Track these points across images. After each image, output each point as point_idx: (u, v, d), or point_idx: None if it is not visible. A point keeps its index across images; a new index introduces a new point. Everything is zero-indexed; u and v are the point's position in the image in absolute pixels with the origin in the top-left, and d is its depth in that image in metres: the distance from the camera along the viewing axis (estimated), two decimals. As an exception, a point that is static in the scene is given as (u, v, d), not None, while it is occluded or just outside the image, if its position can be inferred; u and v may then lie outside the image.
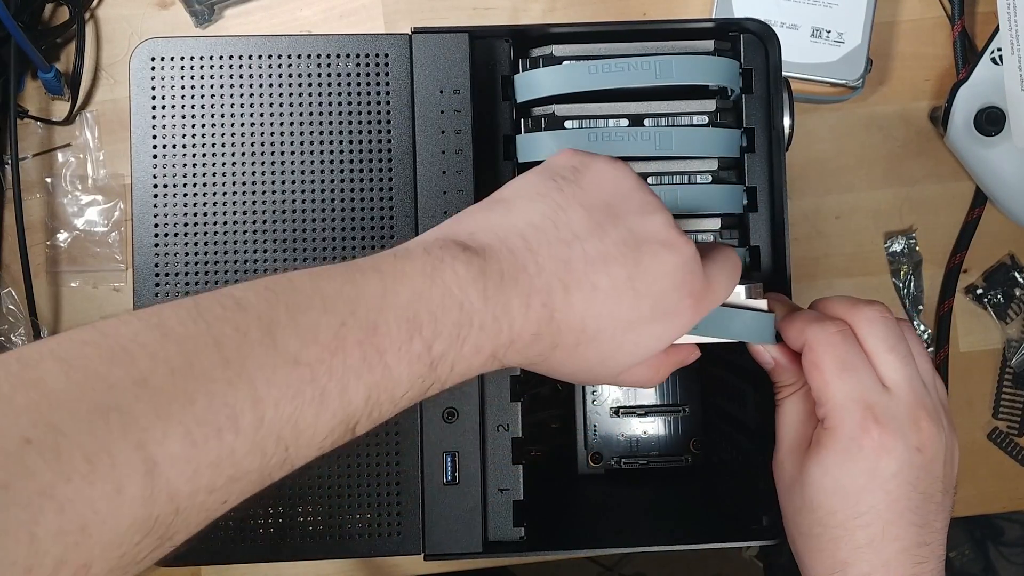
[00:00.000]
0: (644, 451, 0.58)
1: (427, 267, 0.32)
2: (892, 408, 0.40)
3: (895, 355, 0.41)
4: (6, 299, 0.61)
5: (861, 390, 0.40)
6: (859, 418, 0.40)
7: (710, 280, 0.38)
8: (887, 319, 0.41)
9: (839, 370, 0.40)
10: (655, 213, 0.37)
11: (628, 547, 0.49)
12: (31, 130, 0.61)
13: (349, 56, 0.48)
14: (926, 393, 0.41)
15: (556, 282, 0.34)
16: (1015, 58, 0.60)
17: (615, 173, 0.37)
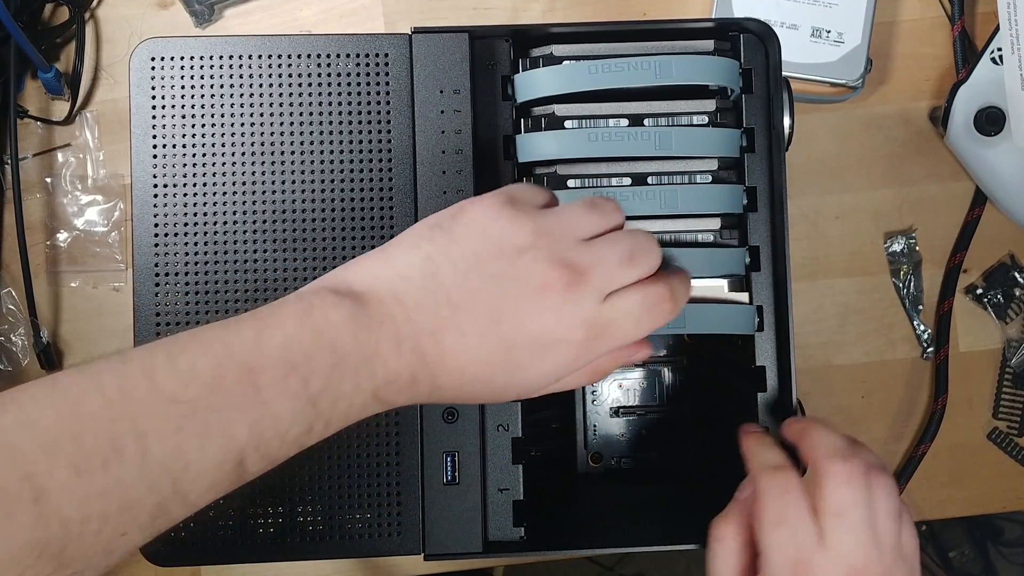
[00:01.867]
0: (644, 451, 0.58)
1: (300, 312, 0.35)
2: (824, 568, 0.39)
3: (843, 520, 0.40)
4: (6, 299, 0.61)
5: (791, 543, 0.40)
6: (790, 570, 0.39)
7: (609, 319, 0.38)
8: (851, 484, 0.40)
9: (776, 522, 0.40)
10: (525, 253, 0.38)
11: (628, 547, 0.49)
12: (31, 130, 0.61)
13: (349, 56, 0.48)
14: (874, 560, 0.40)
15: (424, 329, 0.37)
16: (1015, 58, 0.60)
17: (487, 217, 0.39)
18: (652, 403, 0.58)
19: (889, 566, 0.40)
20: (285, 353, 0.34)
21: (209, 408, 0.32)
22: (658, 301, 0.40)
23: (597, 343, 0.38)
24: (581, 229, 0.39)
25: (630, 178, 0.48)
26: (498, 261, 0.38)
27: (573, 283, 0.38)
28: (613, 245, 0.39)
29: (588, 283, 0.38)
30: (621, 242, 0.39)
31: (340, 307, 0.36)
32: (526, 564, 0.99)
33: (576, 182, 0.48)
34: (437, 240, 0.38)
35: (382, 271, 0.38)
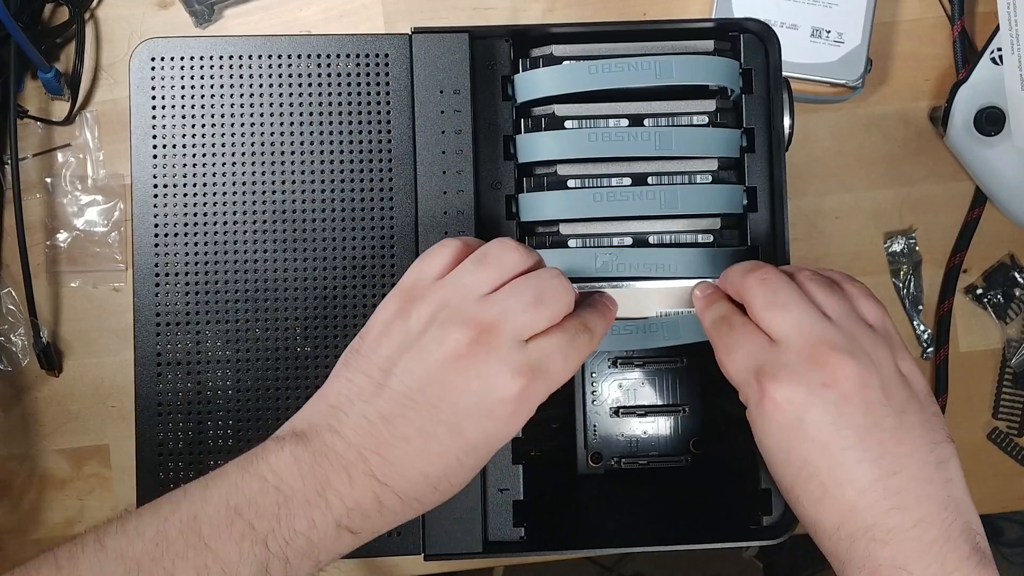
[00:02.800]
0: (644, 451, 0.58)
1: (243, 464, 0.37)
2: (781, 359, 0.39)
3: (772, 310, 0.40)
4: (6, 299, 0.61)
5: (747, 358, 0.40)
6: (754, 383, 0.40)
7: (539, 361, 0.38)
8: (765, 280, 0.41)
9: (728, 353, 0.41)
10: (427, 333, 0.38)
11: (628, 547, 0.49)
12: (31, 130, 0.61)
13: (349, 56, 0.48)
14: (825, 328, 0.39)
15: (367, 452, 0.37)
16: (1015, 58, 0.60)
17: (383, 319, 0.40)
18: (652, 403, 0.58)
19: (851, 332, 0.40)
20: (227, 499, 0.36)
21: (153, 559, 0.35)
22: (577, 332, 0.40)
23: (536, 387, 0.38)
24: (477, 287, 0.39)
25: (630, 178, 0.48)
26: (407, 356, 0.38)
27: (483, 340, 0.38)
28: (516, 292, 0.39)
29: (500, 335, 0.38)
30: (525, 287, 0.39)
31: (281, 450, 0.37)
32: (526, 564, 0.99)
33: (576, 182, 0.48)
34: (351, 361, 0.40)
35: (316, 407, 0.39)
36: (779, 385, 0.39)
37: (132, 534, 0.35)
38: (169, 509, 0.36)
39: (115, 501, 0.61)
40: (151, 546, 0.35)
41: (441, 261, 0.41)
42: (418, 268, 0.41)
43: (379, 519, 0.38)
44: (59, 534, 0.61)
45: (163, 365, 0.47)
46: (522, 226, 0.48)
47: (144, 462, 0.47)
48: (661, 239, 0.48)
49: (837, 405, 0.38)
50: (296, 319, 0.47)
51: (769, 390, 0.39)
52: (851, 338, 0.39)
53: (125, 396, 0.61)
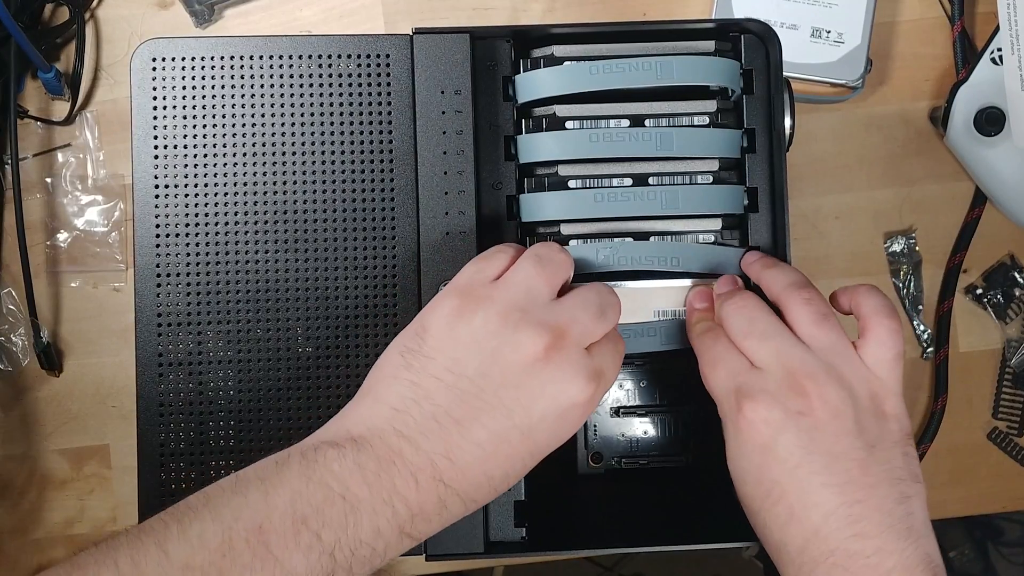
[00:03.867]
0: (644, 451, 0.58)
1: (304, 469, 0.36)
2: (761, 382, 0.40)
3: (753, 339, 0.42)
4: (6, 299, 0.61)
5: (729, 376, 0.42)
6: (733, 401, 0.41)
7: (601, 368, 0.40)
8: (742, 308, 0.43)
9: (710, 367, 0.43)
10: (500, 336, 0.38)
11: (628, 547, 0.49)
12: (31, 130, 0.61)
13: (350, 57, 0.48)
14: (804, 357, 0.41)
15: (437, 456, 0.37)
16: (1015, 58, 0.60)
17: (448, 324, 0.39)
18: (652, 403, 0.58)
19: (831, 364, 0.41)
20: (293, 508, 0.35)
21: (220, 571, 0.34)
22: (618, 340, 0.42)
23: (599, 392, 0.40)
24: (541, 291, 0.40)
25: (631, 178, 0.48)
26: (480, 358, 0.38)
27: (557, 345, 0.38)
28: (583, 302, 0.40)
29: (571, 340, 0.39)
30: (590, 297, 0.41)
31: (343, 457, 0.37)
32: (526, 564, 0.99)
33: (577, 182, 0.48)
34: (413, 364, 0.39)
35: (375, 411, 0.38)
36: (756, 406, 0.40)
37: (196, 542, 0.34)
38: (231, 515, 0.35)
39: (115, 501, 0.61)
40: (217, 556, 0.34)
41: (500, 265, 0.41)
42: (476, 268, 0.41)
43: (438, 522, 0.38)
44: (59, 534, 0.61)
45: (164, 365, 0.47)
46: (523, 226, 0.48)
47: (145, 462, 0.47)
48: (662, 239, 0.48)
49: (810, 432, 0.39)
50: (297, 319, 0.47)
51: (746, 410, 0.40)
52: (829, 369, 0.40)
53: (125, 396, 0.61)
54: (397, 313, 0.47)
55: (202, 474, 0.47)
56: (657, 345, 0.46)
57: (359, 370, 0.47)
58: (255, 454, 0.46)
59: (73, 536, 0.61)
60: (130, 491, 0.49)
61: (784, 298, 0.43)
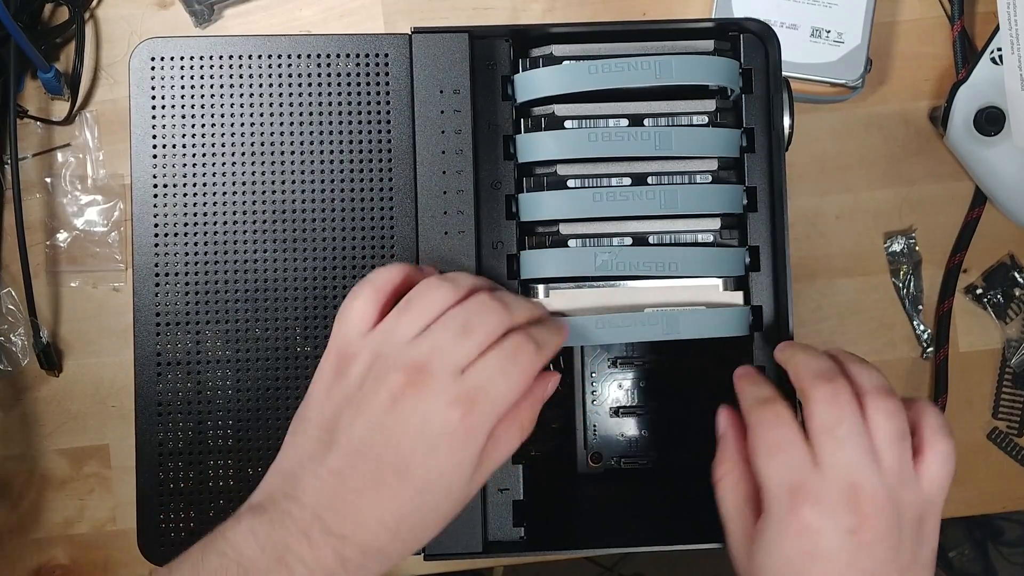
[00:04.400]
0: (644, 451, 0.58)
1: (204, 543, 0.38)
2: (822, 486, 0.39)
3: (830, 437, 0.40)
4: (6, 299, 0.61)
5: (787, 469, 0.40)
6: (787, 500, 0.39)
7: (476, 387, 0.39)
8: (836, 400, 0.40)
9: (768, 452, 0.41)
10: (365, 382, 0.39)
11: (628, 547, 0.49)
12: (31, 130, 0.61)
13: (349, 56, 0.48)
14: (871, 476, 0.39)
15: (322, 509, 0.38)
16: (1015, 58, 0.60)
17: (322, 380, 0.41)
18: (652, 403, 0.58)
19: (894, 489, 0.40)
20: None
21: None
22: (516, 348, 0.40)
23: (479, 412, 0.39)
24: (405, 332, 0.40)
25: (630, 178, 0.48)
26: (348, 409, 0.39)
27: (418, 380, 0.38)
28: (443, 327, 0.40)
29: (433, 371, 0.39)
30: (451, 320, 0.40)
31: (238, 524, 0.38)
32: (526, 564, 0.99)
33: (576, 182, 0.48)
34: (297, 428, 0.41)
35: (271, 479, 0.40)
36: (813, 512, 0.39)
37: None
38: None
39: (115, 501, 0.61)
40: None
41: (361, 311, 0.41)
42: (342, 324, 0.42)
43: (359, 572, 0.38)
44: (59, 534, 0.61)
45: (163, 365, 0.47)
46: (522, 226, 0.48)
47: (144, 462, 0.47)
48: (661, 239, 0.48)
49: (855, 550, 0.39)
50: (296, 319, 0.47)
51: (804, 513, 0.39)
52: (891, 494, 0.40)
53: (125, 396, 0.61)
54: (396, 313, 0.47)
55: (200, 473, 0.47)
56: (659, 334, 0.46)
57: (358, 370, 0.47)
58: (253, 453, 0.47)
59: (73, 536, 0.61)
60: (130, 491, 0.49)
61: (867, 401, 0.41)
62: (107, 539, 0.61)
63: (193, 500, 0.47)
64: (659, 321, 0.46)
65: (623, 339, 0.46)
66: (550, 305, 0.47)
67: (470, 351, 0.39)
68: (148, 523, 0.47)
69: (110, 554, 0.61)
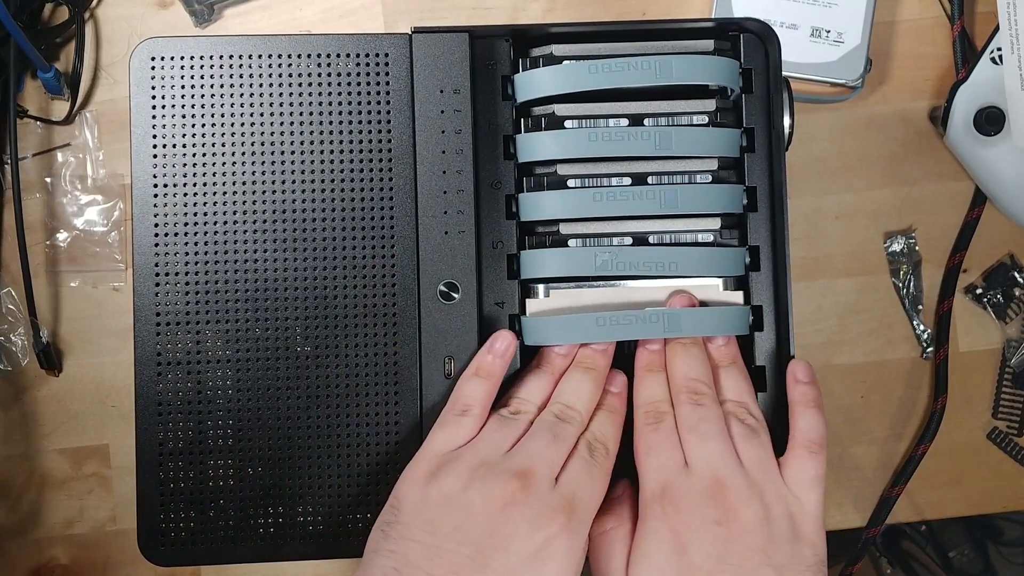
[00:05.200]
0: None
1: None
2: (688, 484, 0.41)
3: (694, 435, 0.43)
4: (6, 299, 0.61)
5: (660, 469, 0.42)
6: (658, 497, 0.42)
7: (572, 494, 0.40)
8: (693, 403, 0.43)
9: (645, 453, 0.43)
10: (470, 490, 0.40)
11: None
12: (31, 130, 0.61)
13: (349, 56, 0.48)
14: (732, 470, 0.42)
15: None
16: (1015, 58, 0.60)
17: (419, 488, 0.41)
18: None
19: (757, 483, 0.42)
20: None
21: None
22: (591, 452, 0.43)
23: (578, 520, 0.40)
24: (503, 443, 0.42)
25: (630, 178, 0.48)
26: (454, 514, 0.40)
27: (524, 486, 0.40)
28: (537, 436, 0.42)
29: (536, 478, 0.40)
30: (542, 428, 0.42)
31: None
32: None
33: (576, 182, 0.48)
34: (390, 534, 0.40)
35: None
36: (679, 513, 0.41)
37: None
38: None
39: (115, 501, 0.61)
40: None
41: (467, 433, 0.43)
42: (438, 438, 0.43)
43: None
44: (59, 534, 0.61)
45: (163, 365, 0.47)
46: (522, 226, 0.48)
47: (144, 462, 0.47)
48: (661, 239, 0.48)
49: (724, 542, 0.40)
50: (296, 319, 0.47)
51: (670, 512, 0.41)
52: (753, 486, 0.41)
53: (125, 396, 0.61)
54: (396, 312, 0.47)
55: (201, 473, 0.47)
56: (660, 332, 0.46)
57: (358, 369, 0.47)
58: (253, 453, 0.47)
59: (73, 536, 0.61)
60: (130, 491, 0.49)
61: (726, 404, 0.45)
62: (107, 539, 0.61)
63: (193, 500, 0.47)
64: (660, 320, 0.46)
65: (623, 338, 0.46)
66: (550, 305, 0.47)
67: (560, 457, 0.42)
68: (148, 523, 0.47)
69: (110, 554, 0.61)
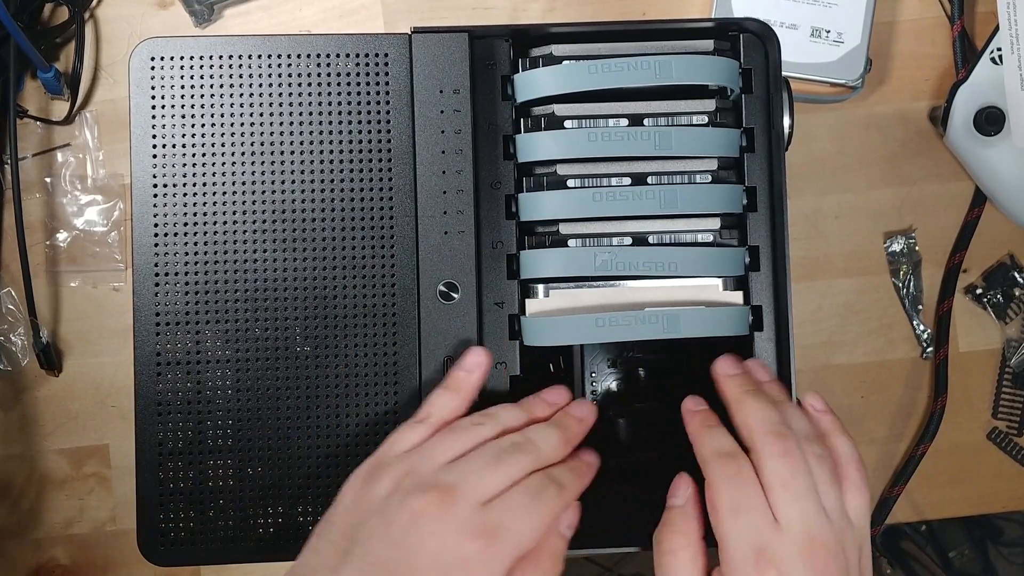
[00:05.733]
0: (643, 451, 0.58)
1: None
2: (783, 546, 0.40)
3: (789, 492, 0.41)
4: (6, 299, 0.61)
5: (752, 531, 0.40)
6: (752, 561, 0.40)
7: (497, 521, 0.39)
8: (789, 455, 0.41)
9: (733, 512, 0.41)
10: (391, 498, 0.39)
11: (628, 547, 0.49)
12: (31, 130, 0.61)
13: (349, 56, 0.48)
14: (823, 527, 0.40)
15: None
16: (1015, 58, 0.60)
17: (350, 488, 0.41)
18: (650, 402, 0.58)
19: (840, 532, 0.41)
20: None
21: None
22: (541, 488, 0.40)
23: (498, 548, 0.38)
24: (443, 454, 0.41)
25: (630, 178, 0.48)
26: (372, 521, 0.39)
27: (443, 500, 0.38)
28: (479, 454, 0.40)
29: (459, 497, 0.38)
30: (487, 448, 0.41)
31: None
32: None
33: (576, 182, 0.48)
34: (320, 531, 0.40)
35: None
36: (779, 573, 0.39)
37: None
38: None
39: (115, 501, 0.61)
40: None
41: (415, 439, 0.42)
42: (389, 441, 0.42)
43: None
44: (59, 534, 0.61)
45: (163, 365, 0.47)
46: (522, 226, 0.48)
47: (144, 462, 0.47)
48: (661, 239, 0.48)
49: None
50: (296, 319, 0.47)
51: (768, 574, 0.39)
52: (839, 538, 0.41)
53: (125, 396, 0.61)
54: (396, 312, 0.47)
55: (200, 473, 0.47)
56: (660, 333, 0.46)
57: (357, 369, 0.47)
58: (253, 453, 0.47)
59: (72, 536, 0.61)
60: (130, 491, 0.49)
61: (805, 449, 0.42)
62: (107, 539, 0.61)
63: (193, 500, 0.47)
64: (659, 320, 0.46)
65: (623, 338, 0.46)
66: (550, 305, 0.47)
67: (495, 483, 0.40)
68: (148, 523, 0.47)
69: (110, 554, 0.61)
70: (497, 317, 0.47)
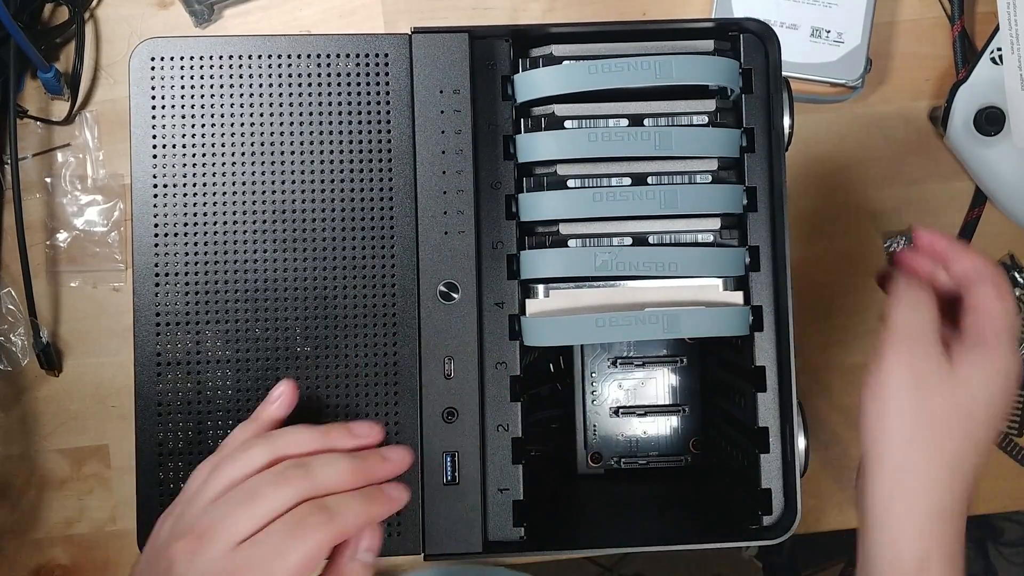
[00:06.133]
0: (644, 451, 0.58)
1: None
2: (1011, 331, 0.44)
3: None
4: (6, 299, 0.61)
5: (1009, 317, 0.44)
6: (1007, 340, 0.43)
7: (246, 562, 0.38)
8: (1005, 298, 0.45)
9: (999, 298, 0.44)
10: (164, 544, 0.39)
11: (628, 547, 0.49)
12: (31, 130, 0.61)
13: (349, 56, 0.48)
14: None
15: None
16: (1015, 58, 0.60)
17: (155, 533, 0.41)
18: (652, 403, 0.58)
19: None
20: None
21: None
22: (302, 519, 0.38)
23: None
24: (215, 489, 0.40)
25: (630, 178, 0.48)
26: (146, 567, 0.40)
27: (196, 547, 0.38)
28: (238, 490, 0.39)
29: (211, 539, 0.38)
30: (248, 483, 0.39)
31: None
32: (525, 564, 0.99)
33: (576, 182, 0.48)
34: (139, 558, 0.41)
35: None
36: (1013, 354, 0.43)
37: None
38: None
39: (115, 501, 0.61)
40: None
41: (203, 473, 0.41)
42: (189, 479, 0.42)
43: None
44: (59, 534, 0.61)
45: (163, 365, 0.47)
46: (522, 226, 0.48)
47: (144, 462, 0.47)
48: (661, 239, 0.48)
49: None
50: (296, 319, 0.47)
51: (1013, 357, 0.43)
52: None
53: (125, 396, 0.61)
54: (396, 312, 0.47)
55: (201, 474, 0.46)
56: (660, 333, 0.46)
57: (357, 370, 0.47)
58: (254, 454, 0.46)
59: (72, 536, 0.61)
60: (130, 491, 0.49)
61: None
62: (107, 539, 0.61)
63: (193, 500, 0.46)
64: (659, 320, 0.46)
65: (623, 338, 0.46)
66: (550, 305, 0.47)
67: (251, 522, 0.38)
68: (148, 523, 0.46)
69: (110, 554, 0.61)
70: (497, 317, 0.47)
